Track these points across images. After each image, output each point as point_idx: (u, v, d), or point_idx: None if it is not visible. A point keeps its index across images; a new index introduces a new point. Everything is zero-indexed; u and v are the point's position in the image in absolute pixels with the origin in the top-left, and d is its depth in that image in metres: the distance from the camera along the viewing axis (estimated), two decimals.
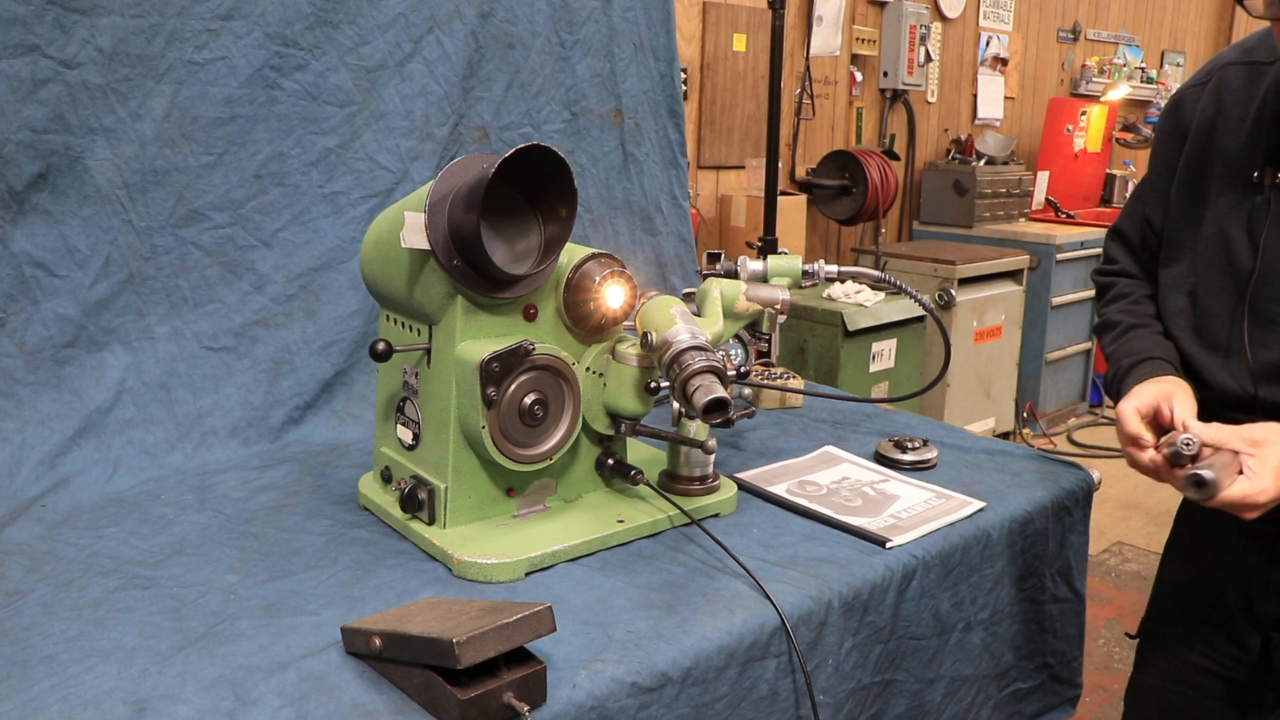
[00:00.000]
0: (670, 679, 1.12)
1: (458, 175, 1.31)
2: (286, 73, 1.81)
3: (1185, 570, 1.56)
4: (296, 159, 1.84)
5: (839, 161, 4.71)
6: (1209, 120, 1.40)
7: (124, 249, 1.68)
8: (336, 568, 1.31)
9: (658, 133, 2.47)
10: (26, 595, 1.23)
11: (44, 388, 1.60)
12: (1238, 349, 1.32)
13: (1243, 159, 1.34)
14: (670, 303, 1.38)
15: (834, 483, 1.64)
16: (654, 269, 2.45)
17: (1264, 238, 1.30)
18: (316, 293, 1.87)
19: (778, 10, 2.83)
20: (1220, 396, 1.34)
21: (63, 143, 1.60)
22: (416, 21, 1.97)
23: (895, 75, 5.20)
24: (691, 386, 1.24)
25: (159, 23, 1.67)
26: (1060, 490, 1.66)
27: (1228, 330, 1.34)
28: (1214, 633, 1.49)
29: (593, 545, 1.36)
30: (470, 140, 2.08)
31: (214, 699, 1.02)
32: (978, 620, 1.52)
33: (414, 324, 1.41)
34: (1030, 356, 5.26)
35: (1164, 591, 1.60)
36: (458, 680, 0.97)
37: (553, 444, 1.37)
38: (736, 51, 4.41)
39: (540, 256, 1.34)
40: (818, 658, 1.28)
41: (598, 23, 2.29)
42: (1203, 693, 1.52)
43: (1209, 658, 1.50)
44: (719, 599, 1.24)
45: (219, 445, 1.71)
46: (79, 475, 1.56)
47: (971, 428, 4.69)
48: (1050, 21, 6.50)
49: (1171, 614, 1.58)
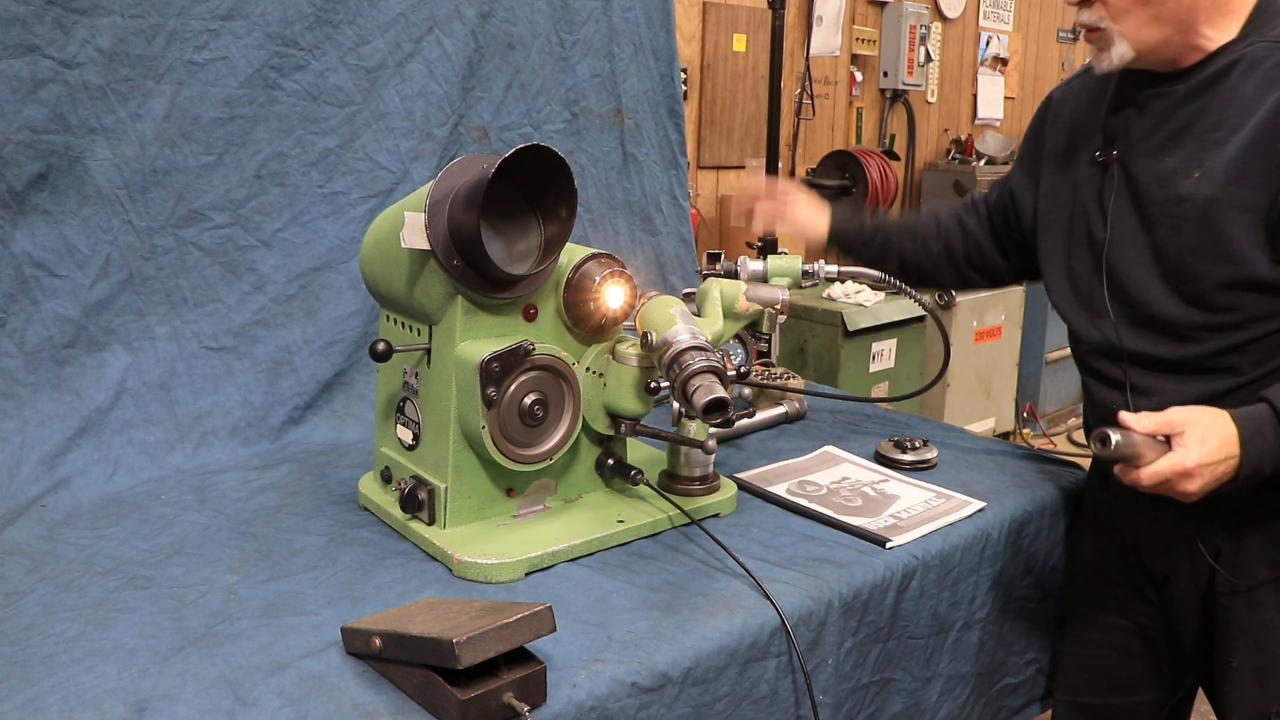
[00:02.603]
0: (670, 679, 1.12)
1: (458, 175, 1.31)
2: (286, 73, 1.81)
3: (1093, 542, 1.64)
4: (296, 159, 1.84)
5: (839, 161, 4.70)
6: (1072, 113, 1.60)
7: (124, 249, 1.67)
8: (336, 568, 1.31)
9: (658, 133, 2.47)
10: (26, 595, 1.23)
11: (44, 388, 1.60)
12: (1100, 307, 1.48)
13: (1094, 144, 1.52)
14: (670, 303, 1.38)
15: (834, 483, 1.64)
16: (654, 269, 2.45)
17: (1110, 208, 1.46)
18: (316, 293, 1.87)
19: (778, 10, 2.83)
20: (1092, 348, 1.52)
21: (63, 143, 1.60)
22: (416, 21, 1.97)
23: (895, 75, 5.19)
24: (691, 386, 1.24)
25: (159, 23, 1.67)
26: (1060, 490, 1.66)
27: (1089, 291, 1.50)
28: (1123, 591, 1.59)
29: (593, 545, 1.36)
30: (470, 140, 2.08)
31: (214, 699, 1.02)
32: (975, 619, 1.52)
33: (414, 324, 1.41)
34: (1030, 356, 5.26)
35: (1078, 566, 1.68)
36: (458, 680, 0.97)
37: (553, 444, 1.37)
38: (736, 51, 4.41)
39: (540, 256, 1.34)
40: (817, 658, 1.28)
41: (598, 23, 2.28)
42: (1124, 651, 1.60)
43: (1125, 616, 1.59)
44: (719, 599, 1.24)
45: (219, 445, 1.71)
46: (79, 475, 1.56)
47: (971, 428, 4.69)
48: (1050, 21, 6.49)
49: (1087, 584, 1.65)
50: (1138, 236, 1.44)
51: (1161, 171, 1.41)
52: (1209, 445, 1.24)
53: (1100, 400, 1.52)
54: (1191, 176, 1.37)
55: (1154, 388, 1.43)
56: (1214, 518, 1.42)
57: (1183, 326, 1.39)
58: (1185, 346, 1.40)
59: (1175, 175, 1.39)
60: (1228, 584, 1.44)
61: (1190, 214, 1.37)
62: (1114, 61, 1.40)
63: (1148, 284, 1.42)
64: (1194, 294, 1.38)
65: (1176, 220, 1.39)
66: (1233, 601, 1.44)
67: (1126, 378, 1.46)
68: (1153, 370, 1.44)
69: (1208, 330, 1.38)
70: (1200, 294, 1.37)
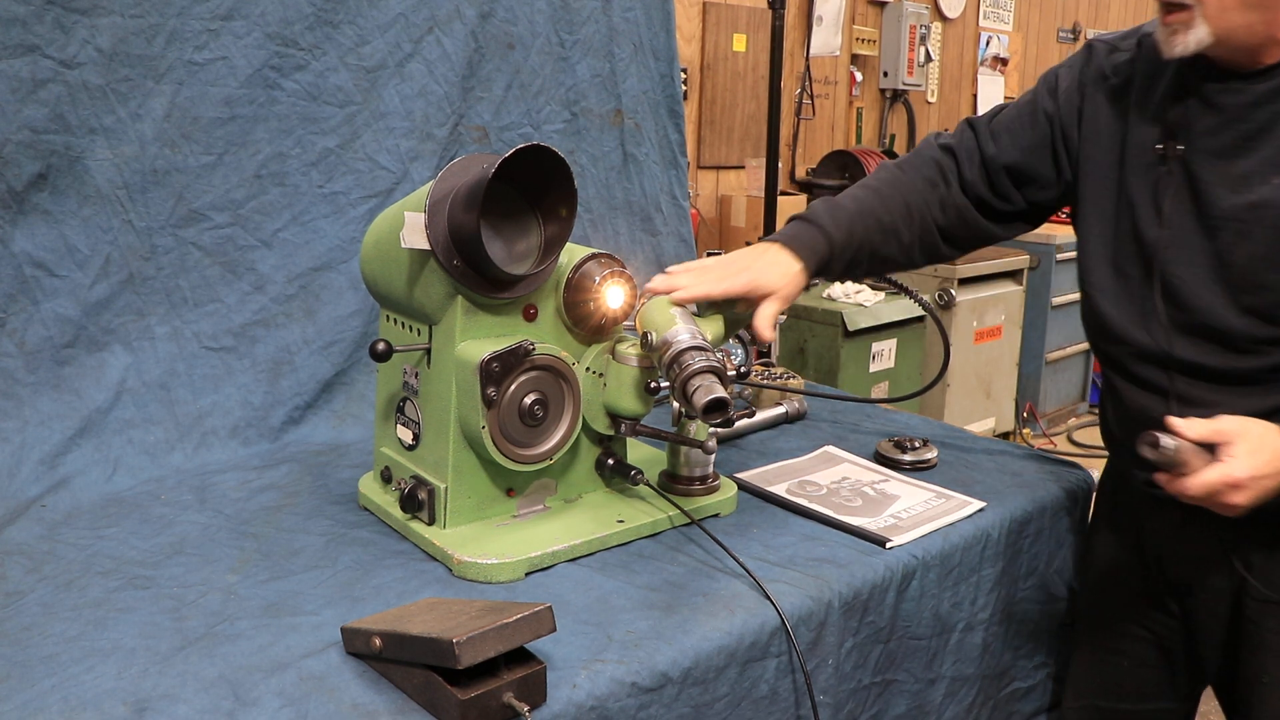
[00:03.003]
0: (670, 679, 1.12)
1: (458, 175, 1.31)
2: (286, 73, 1.81)
3: (1110, 548, 1.61)
4: (296, 159, 1.84)
5: (839, 161, 4.71)
6: (1119, 87, 1.46)
7: (124, 249, 1.67)
8: (336, 568, 1.31)
9: (658, 133, 2.47)
10: (26, 595, 1.23)
11: (44, 388, 1.60)
12: (1152, 310, 1.40)
13: (1148, 132, 1.41)
14: (670, 303, 1.38)
15: (834, 483, 1.64)
16: (654, 269, 2.44)
17: (1167, 207, 1.38)
18: (316, 293, 1.87)
19: (778, 10, 2.84)
20: (1139, 353, 1.43)
21: (63, 143, 1.60)
22: (416, 21, 1.97)
23: (895, 75, 5.20)
24: (691, 386, 1.24)
25: (159, 23, 1.67)
26: (1060, 490, 1.66)
27: (1141, 292, 1.42)
28: (1141, 600, 1.56)
29: (593, 545, 1.36)
30: (470, 140, 2.08)
31: (214, 699, 1.02)
32: (978, 620, 1.52)
33: (414, 324, 1.41)
34: (1030, 356, 5.26)
35: (1093, 573, 1.65)
36: (458, 680, 0.97)
37: (553, 444, 1.37)
38: (736, 51, 4.41)
39: (540, 256, 1.34)
40: (818, 658, 1.28)
41: (598, 23, 2.28)
42: (1137, 661, 1.57)
43: (1141, 625, 1.56)
44: (719, 599, 1.24)
45: (219, 445, 1.71)
46: (79, 475, 1.56)
47: (971, 428, 4.69)
48: (1050, 21, 6.50)
49: (1103, 591, 1.63)
50: (1197, 240, 1.36)
51: (1231, 174, 1.33)
52: (1260, 458, 1.19)
53: (1134, 405, 1.46)
54: (1270, 182, 1.30)
55: (1201, 398, 1.37)
56: (1248, 529, 1.37)
57: (1240, 338, 1.33)
58: (1241, 358, 1.34)
59: (1249, 180, 1.31)
60: (1261, 596, 1.40)
61: (1266, 221, 1.30)
62: (1189, 46, 1.29)
63: (1205, 291, 1.35)
64: (1258, 305, 1.32)
65: (1247, 226, 1.32)
66: (1264, 615, 1.40)
67: (1171, 385, 1.40)
68: (1200, 380, 1.38)
69: (1268, 344, 1.32)
70: (1266, 305, 1.31)
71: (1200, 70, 1.36)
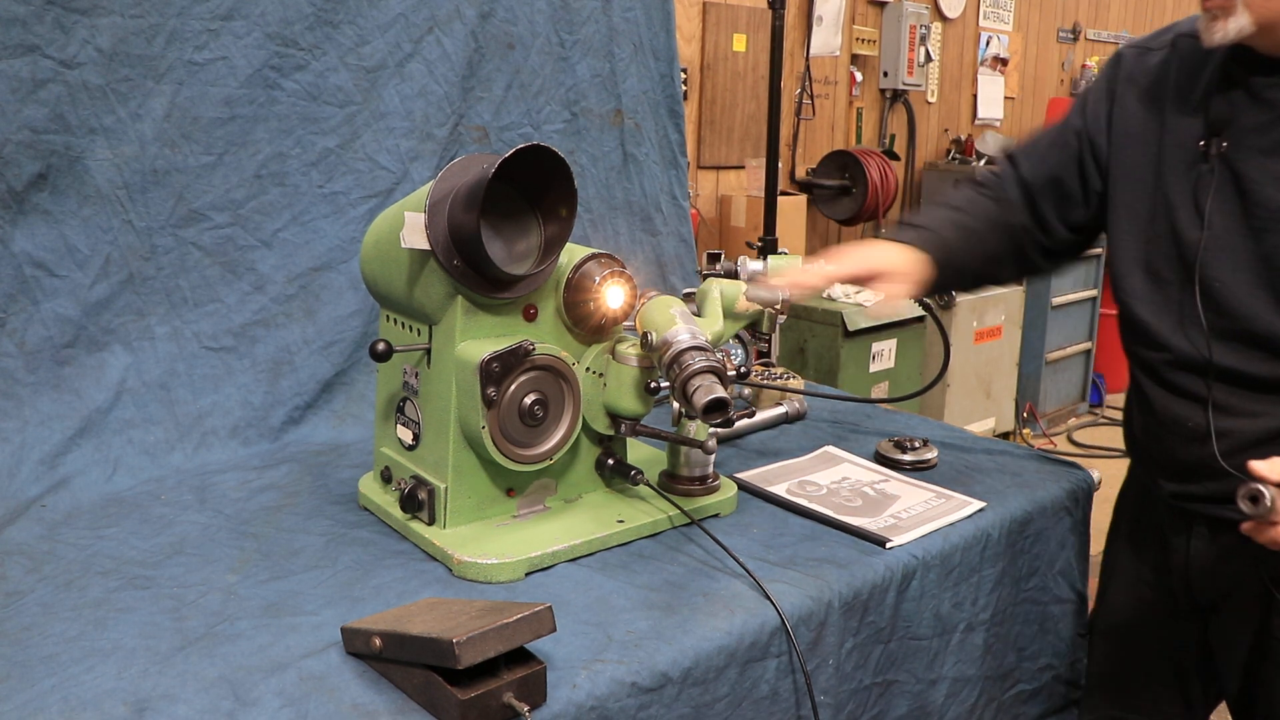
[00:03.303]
0: (670, 679, 1.12)
1: (458, 175, 1.31)
2: (286, 73, 1.81)
3: (1132, 562, 1.59)
4: (296, 159, 1.84)
5: (839, 161, 4.71)
6: (1152, 88, 1.42)
7: (124, 249, 1.67)
8: (336, 568, 1.31)
9: (658, 133, 2.47)
10: (26, 595, 1.23)
11: (44, 388, 1.60)
12: (1190, 315, 1.35)
13: (1189, 129, 1.37)
14: (670, 303, 1.38)
15: (834, 483, 1.64)
16: (654, 269, 2.45)
17: (1209, 207, 1.33)
18: (316, 293, 1.87)
19: (778, 10, 2.84)
20: (1175, 360, 1.38)
21: (63, 143, 1.60)
22: (416, 21, 1.97)
23: (895, 75, 5.19)
24: (691, 386, 1.24)
25: (159, 23, 1.67)
26: (1060, 490, 1.66)
27: (1179, 297, 1.37)
28: (1162, 614, 1.53)
29: (593, 545, 1.36)
30: (470, 140, 2.08)
31: (214, 699, 1.02)
32: (979, 621, 1.52)
33: (414, 324, 1.41)
34: (1030, 356, 5.26)
35: (1113, 586, 1.63)
36: (458, 680, 0.97)
37: (553, 444, 1.37)
38: (736, 51, 4.41)
39: (540, 256, 1.34)
40: (818, 658, 1.28)
41: (598, 23, 2.28)
42: (1152, 678, 1.56)
43: (1161, 641, 1.54)
44: (719, 599, 1.24)
45: (219, 445, 1.71)
46: (79, 475, 1.56)
47: (971, 428, 4.69)
48: (1050, 21, 6.49)
49: (1123, 605, 1.61)
50: (1240, 241, 1.31)
51: (1278, 172, 1.28)
52: None
53: (1167, 413, 1.42)
54: None
55: (1240, 407, 1.32)
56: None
57: None
58: None
59: None
60: None
61: None
62: (1229, 34, 1.24)
63: (1248, 295, 1.31)
64: None
65: None
66: None
67: (1210, 394, 1.35)
68: (1240, 388, 1.33)
69: None
70: None
71: (1246, 63, 1.30)
